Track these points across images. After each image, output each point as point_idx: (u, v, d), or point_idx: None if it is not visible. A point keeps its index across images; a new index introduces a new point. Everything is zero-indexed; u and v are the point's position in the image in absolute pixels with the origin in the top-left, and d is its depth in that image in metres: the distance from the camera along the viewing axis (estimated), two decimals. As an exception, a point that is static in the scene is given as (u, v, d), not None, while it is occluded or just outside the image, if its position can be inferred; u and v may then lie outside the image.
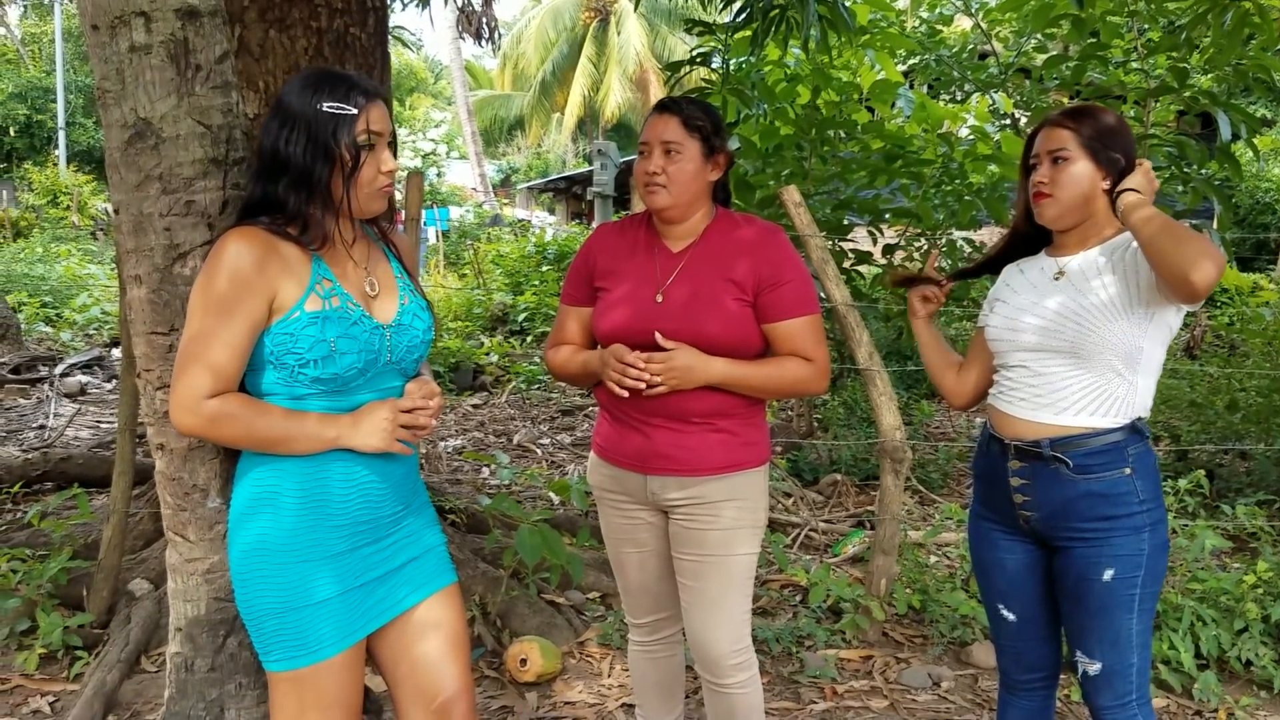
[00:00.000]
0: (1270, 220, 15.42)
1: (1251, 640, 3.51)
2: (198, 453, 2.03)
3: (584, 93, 31.30)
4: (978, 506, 2.39)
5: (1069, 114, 2.19)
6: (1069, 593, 2.20)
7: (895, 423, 3.74)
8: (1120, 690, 2.19)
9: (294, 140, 1.80)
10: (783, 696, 3.39)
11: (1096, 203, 2.17)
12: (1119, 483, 2.12)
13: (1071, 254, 2.21)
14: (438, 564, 2.07)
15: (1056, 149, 2.16)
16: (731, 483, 2.35)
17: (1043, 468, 2.17)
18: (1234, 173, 5.36)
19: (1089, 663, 2.19)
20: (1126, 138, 2.17)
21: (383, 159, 1.87)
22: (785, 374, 2.33)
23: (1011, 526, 2.29)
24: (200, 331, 1.77)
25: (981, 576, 2.41)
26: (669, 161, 2.28)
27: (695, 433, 2.33)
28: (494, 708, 3.28)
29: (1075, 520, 2.15)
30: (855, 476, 5.82)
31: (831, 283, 3.79)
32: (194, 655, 2.09)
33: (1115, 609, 2.14)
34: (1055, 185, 2.17)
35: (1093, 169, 2.14)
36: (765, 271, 2.31)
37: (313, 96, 1.81)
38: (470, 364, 9.21)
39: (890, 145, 6.03)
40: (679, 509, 2.37)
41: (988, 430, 2.32)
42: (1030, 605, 2.33)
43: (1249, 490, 5.30)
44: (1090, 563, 2.14)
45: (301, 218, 1.83)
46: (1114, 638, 2.16)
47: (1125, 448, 2.13)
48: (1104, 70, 5.98)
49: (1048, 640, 2.37)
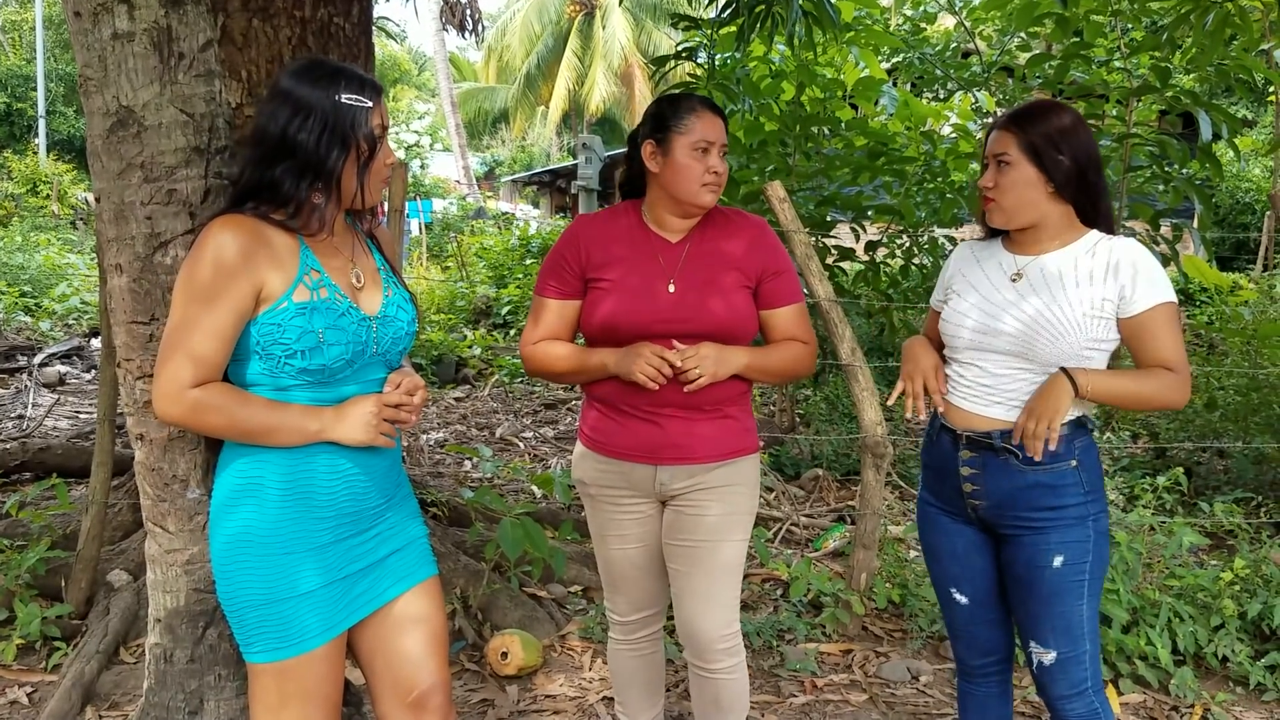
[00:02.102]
0: (1250, 220, 15.56)
1: (1228, 636, 3.54)
2: (178, 443, 2.03)
3: (569, 86, 31.25)
4: (926, 494, 2.42)
5: (1015, 116, 2.19)
6: (1020, 580, 2.23)
7: (877, 418, 3.76)
8: (1076, 678, 2.22)
9: (308, 128, 1.81)
10: (763, 690, 3.40)
11: (1043, 206, 2.17)
12: (1065, 474, 2.17)
13: (1028, 254, 2.23)
14: (420, 556, 2.07)
15: (999, 153, 2.18)
16: (733, 469, 2.41)
17: (993, 458, 2.20)
18: (1215, 172, 5.40)
19: (1043, 652, 2.22)
20: (1077, 138, 2.15)
21: (387, 150, 1.91)
22: (791, 355, 2.43)
23: (959, 514, 2.32)
24: (184, 320, 1.77)
25: (933, 563, 2.44)
26: (720, 162, 2.34)
27: (706, 420, 2.38)
28: (474, 700, 3.28)
29: (1022, 510, 2.19)
30: (836, 472, 5.84)
31: (815, 278, 3.80)
32: (173, 646, 2.08)
33: (1066, 594, 2.18)
34: (998, 190, 2.19)
35: (1035, 173, 2.15)
36: (766, 261, 2.40)
37: (329, 88, 1.82)
38: (453, 357, 9.19)
39: (873, 142, 6.05)
40: (684, 496, 2.41)
41: (938, 421, 2.34)
42: (981, 587, 2.36)
43: (1227, 488, 5.34)
44: (1040, 549, 2.18)
45: (295, 201, 1.83)
46: (1065, 625, 2.20)
47: (1072, 441, 2.17)
48: (1087, 69, 6.01)
49: (999, 624, 2.40)
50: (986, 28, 7.54)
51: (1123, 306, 2.12)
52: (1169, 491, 4.57)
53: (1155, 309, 2.11)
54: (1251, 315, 6.46)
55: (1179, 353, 2.13)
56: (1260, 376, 5.69)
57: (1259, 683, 3.42)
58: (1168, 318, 2.12)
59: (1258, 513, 4.69)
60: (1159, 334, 2.12)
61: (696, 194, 2.34)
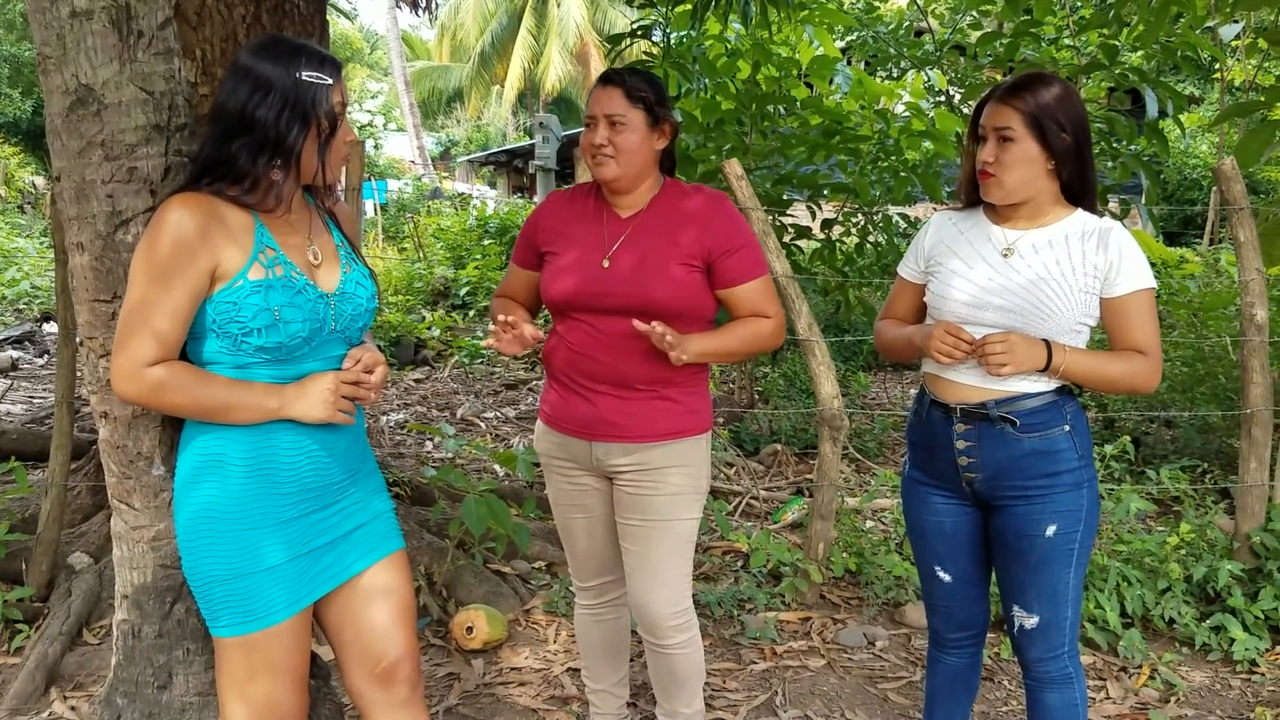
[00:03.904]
0: (1196, 195, 15.84)
1: (1174, 599, 3.65)
2: (141, 420, 2.04)
3: (524, 65, 31.02)
4: (915, 472, 2.43)
5: (1015, 89, 2.15)
6: (1008, 549, 2.27)
7: (833, 391, 3.83)
8: (1054, 643, 2.28)
9: (267, 105, 1.82)
10: (724, 658, 3.47)
11: (1042, 182, 2.18)
12: (1059, 440, 2.20)
13: (1019, 229, 2.23)
14: (385, 530, 2.09)
15: (1002, 127, 2.15)
16: (675, 449, 2.41)
17: (989, 429, 2.22)
18: (1161, 148, 5.50)
19: (1026, 616, 2.27)
20: (1074, 109, 2.15)
21: (346, 128, 1.93)
22: (753, 332, 2.42)
23: (952, 490, 2.34)
24: (142, 299, 1.78)
25: (918, 540, 2.46)
26: (614, 133, 2.32)
27: (639, 400, 2.38)
28: (440, 675, 3.32)
29: (1019, 479, 2.22)
30: (795, 447, 5.92)
31: (772, 255, 3.84)
32: (141, 622, 2.10)
33: (1055, 563, 2.22)
34: (1000, 166, 2.16)
35: (1038, 150, 2.14)
36: (717, 240, 2.37)
37: (289, 64, 1.83)
38: (412, 338, 9.17)
39: (828, 121, 6.10)
40: (623, 474, 2.43)
41: (927, 397, 2.35)
42: (966, 566, 2.40)
43: (1173, 456, 5.48)
44: (1033, 519, 2.21)
45: (251, 178, 1.84)
46: (1052, 591, 2.24)
47: (1063, 406, 2.21)
48: (1036, 47, 6.08)
49: (978, 600, 2.45)
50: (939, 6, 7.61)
51: (1106, 286, 2.15)
52: (1117, 460, 4.70)
53: (1137, 294, 2.15)
54: (1197, 288, 6.59)
55: (1154, 338, 2.17)
56: (1205, 348, 5.82)
57: (1204, 643, 3.54)
58: (1148, 303, 2.16)
59: (1203, 479, 4.82)
60: (1138, 318, 2.16)
61: (591, 169, 2.37)
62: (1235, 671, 3.44)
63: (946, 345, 2.18)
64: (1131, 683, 3.36)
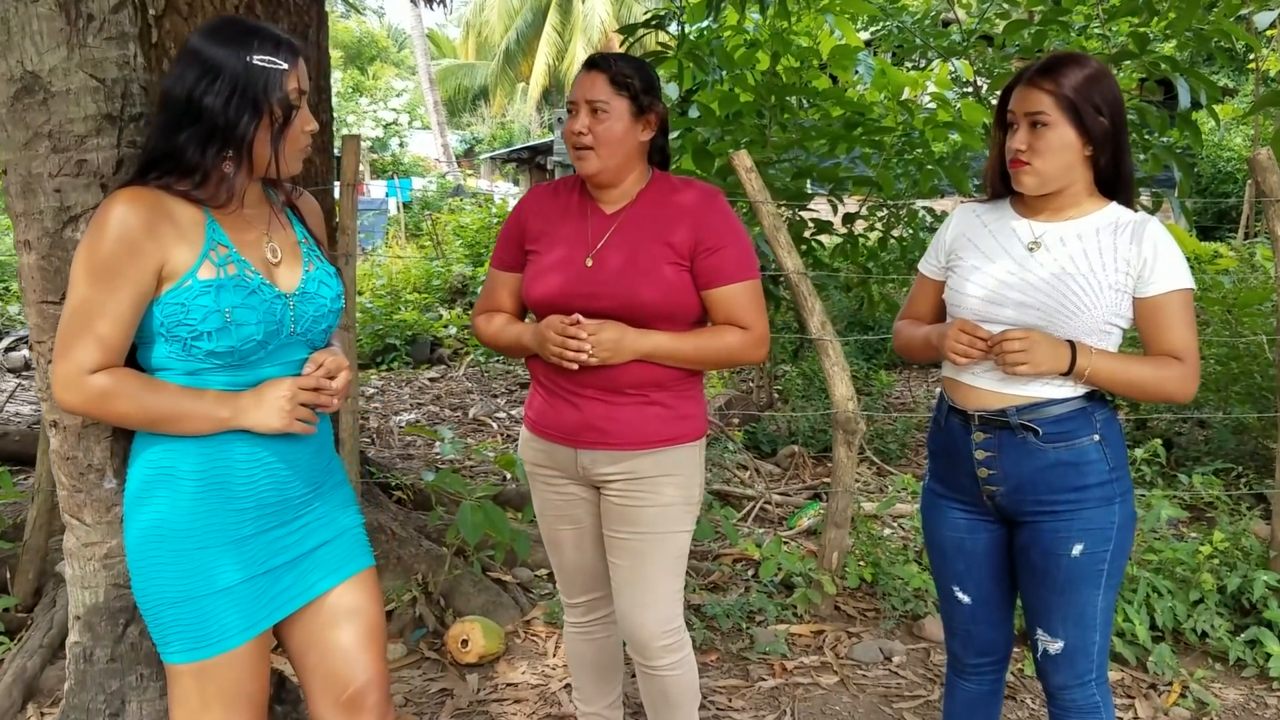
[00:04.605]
0: (1231, 189, 15.52)
1: (1207, 612, 3.47)
2: (92, 430, 1.91)
3: (548, 61, 30.90)
4: (935, 484, 2.26)
5: (1046, 70, 1.97)
6: (1033, 568, 2.10)
7: (848, 393, 3.66)
8: (1080, 669, 2.11)
9: (216, 91, 1.68)
10: (731, 674, 3.31)
11: (1077, 171, 2.01)
12: (1088, 450, 2.02)
13: (1046, 221, 2.07)
14: (353, 547, 1.95)
15: (1034, 111, 1.98)
16: (665, 458, 2.25)
17: (1009, 437, 2.05)
18: (1194, 140, 5.31)
19: (1050, 641, 2.11)
20: (1110, 90, 1.98)
21: (305, 117, 1.77)
22: (719, 344, 2.23)
23: (973, 504, 2.17)
24: (84, 301, 1.65)
25: (937, 558, 2.29)
26: (595, 121, 2.17)
27: (627, 405, 2.23)
28: (433, 691, 3.19)
29: (1044, 492, 2.04)
30: (813, 448, 5.75)
31: (783, 250, 3.68)
32: (93, 645, 1.98)
33: (1082, 584, 2.05)
34: (1034, 154, 1.99)
35: (1074, 135, 1.97)
36: (702, 235, 2.20)
37: (239, 48, 1.69)
38: (428, 336, 9.07)
39: (851, 112, 5.92)
40: (611, 484, 2.28)
41: (945, 404, 2.19)
42: (986, 587, 2.23)
43: (1207, 458, 5.27)
44: (1059, 537, 2.04)
45: (201, 171, 1.70)
46: (1078, 615, 2.07)
47: (1091, 414, 2.03)
48: (1065, 36, 5.90)
49: (1000, 624, 2.27)
50: (966, -5, 7.43)
51: (1139, 284, 1.98)
52: (1148, 464, 4.50)
53: (1172, 294, 1.97)
54: (1232, 284, 6.38)
55: (1190, 343, 1.99)
56: (1240, 345, 5.62)
57: (1238, 658, 3.35)
58: (1184, 305, 1.98)
59: (1237, 484, 4.62)
60: (1172, 320, 1.98)
61: (572, 159, 2.22)
62: (1271, 689, 3.24)
63: (962, 344, 2.03)
64: (1161, 701, 3.18)
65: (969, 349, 2.02)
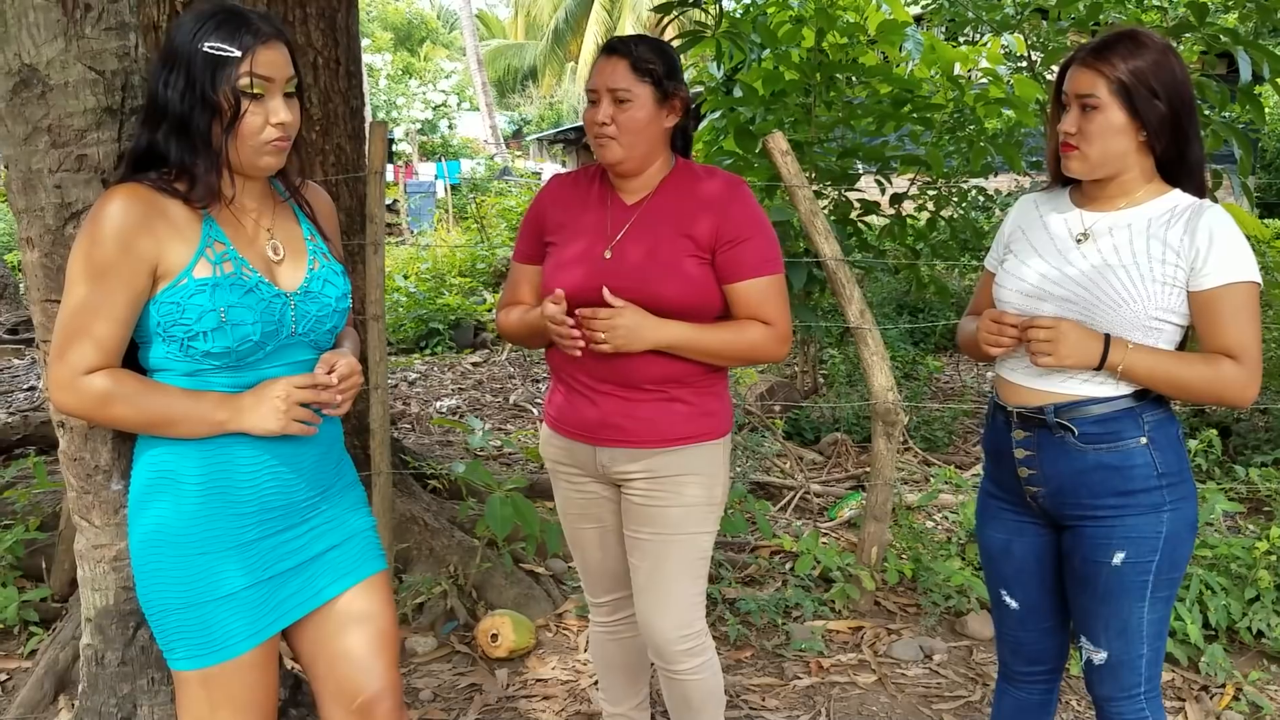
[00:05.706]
0: (1297, 165, 14.99)
1: (1264, 610, 3.32)
2: (99, 431, 1.88)
3: (597, 40, 30.73)
4: (988, 484, 2.17)
5: (1099, 50, 1.86)
6: (1075, 574, 2.00)
7: (887, 383, 3.55)
8: (1127, 682, 2.00)
9: (173, 83, 1.61)
10: (765, 672, 3.23)
11: (1131, 157, 1.89)
12: (1134, 454, 1.90)
13: (1098, 211, 1.95)
14: (364, 551, 1.89)
15: (1085, 95, 1.87)
16: (687, 456, 2.17)
17: (1048, 437, 1.95)
18: (1257, 115, 5.10)
19: (1094, 650, 2.00)
20: (1172, 75, 1.84)
21: (271, 108, 1.65)
22: (742, 340, 2.14)
23: (1021, 506, 2.07)
24: (80, 301, 1.60)
25: (986, 561, 2.20)
26: (618, 110, 2.08)
27: (647, 401, 2.15)
28: (462, 685, 3.14)
29: (1085, 496, 1.94)
30: (856, 436, 5.63)
31: (820, 236, 3.58)
32: (104, 648, 1.95)
33: (1124, 595, 1.94)
34: (1083, 138, 1.88)
35: (1125, 120, 1.85)
36: (723, 227, 2.11)
37: (196, 35, 1.61)
38: (471, 321, 9.05)
39: (899, 90, 5.76)
40: (632, 483, 2.20)
41: (993, 399, 2.10)
42: (1036, 593, 2.12)
43: (1266, 447, 5.09)
44: (1099, 544, 1.93)
45: (187, 172, 1.64)
46: (1121, 626, 1.96)
47: (1139, 415, 1.91)
48: (1121, 9, 5.69)
49: (1053, 632, 2.17)
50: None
51: (1192, 277, 1.84)
52: (1204, 455, 4.34)
53: (1230, 287, 1.82)
54: (1295, 265, 6.14)
55: (1248, 341, 1.83)
56: (1303, 330, 5.41)
57: (1297, 660, 3.21)
58: (1244, 300, 1.83)
59: (1298, 475, 4.44)
60: (1228, 316, 1.83)
61: (594, 148, 2.14)
62: (1332, 693, 3.11)
63: (991, 334, 1.94)
64: (1213, 704, 3.05)
65: (999, 337, 1.94)
